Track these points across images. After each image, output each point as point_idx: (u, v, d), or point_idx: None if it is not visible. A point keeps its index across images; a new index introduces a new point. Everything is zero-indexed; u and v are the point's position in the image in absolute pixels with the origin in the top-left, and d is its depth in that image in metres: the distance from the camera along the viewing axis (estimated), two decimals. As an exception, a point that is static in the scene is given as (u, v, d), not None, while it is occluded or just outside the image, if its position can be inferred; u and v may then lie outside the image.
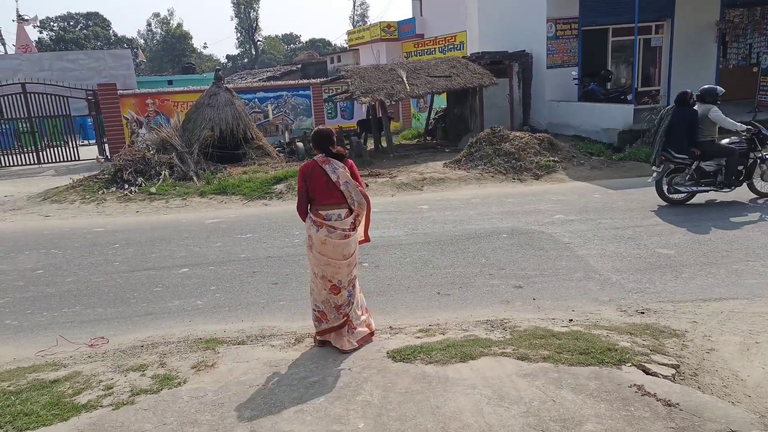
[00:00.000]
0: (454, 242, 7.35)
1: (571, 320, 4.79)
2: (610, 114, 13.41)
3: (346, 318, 4.35)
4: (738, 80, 16.21)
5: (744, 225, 7.32)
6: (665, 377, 3.67)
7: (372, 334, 4.57)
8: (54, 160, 17.37)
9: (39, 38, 60.93)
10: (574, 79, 15.41)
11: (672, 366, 3.82)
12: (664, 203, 8.51)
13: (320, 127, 4.51)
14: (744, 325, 4.48)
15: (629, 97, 14.10)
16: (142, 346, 4.77)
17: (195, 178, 12.32)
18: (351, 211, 4.27)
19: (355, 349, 4.37)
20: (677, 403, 3.31)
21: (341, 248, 4.21)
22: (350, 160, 4.35)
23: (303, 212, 4.33)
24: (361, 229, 4.46)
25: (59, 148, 17.49)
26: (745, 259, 6.13)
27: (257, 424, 3.39)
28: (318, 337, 4.51)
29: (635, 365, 3.80)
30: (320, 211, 4.24)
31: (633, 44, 14.00)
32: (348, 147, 15.39)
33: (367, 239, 4.57)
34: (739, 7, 15.88)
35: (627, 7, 13.55)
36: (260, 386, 3.86)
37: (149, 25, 70.77)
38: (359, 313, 4.49)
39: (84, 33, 65.36)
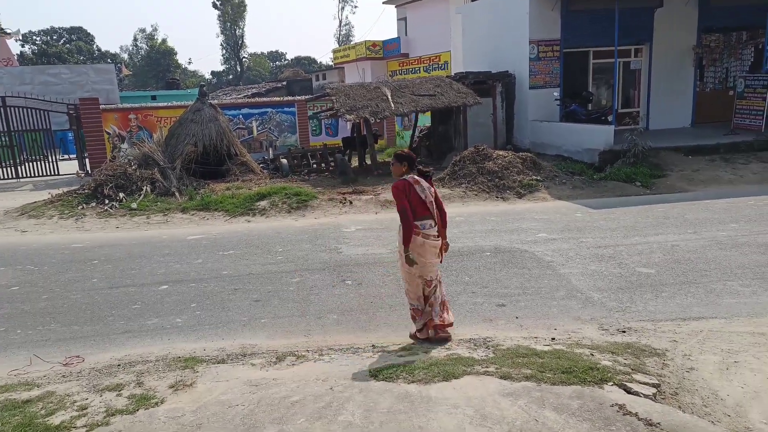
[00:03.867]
0: (437, 260, 7.34)
1: (553, 339, 4.80)
2: (592, 134, 13.61)
3: (430, 304, 4.85)
4: (715, 103, 16.62)
5: (721, 245, 7.43)
6: (646, 396, 3.68)
7: (450, 325, 4.93)
8: (33, 175, 17.07)
9: (21, 52, 60.42)
10: (556, 99, 15.66)
11: (653, 385, 3.83)
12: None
13: (404, 150, 5.22)
14: (723, 344, 4.52)
15: (610, 119, 14.34)
16: (119, 365, 4.67)
17: (177, 194, 12.20)
18: (435, 221, 4.88)
19: (428, 339, 4.81)
20: (658, 423, 3.32)
21: (435, 249, 4.86)
22: (432, 180, 5.02)
23: (413, 227, 4.72)
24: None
25: (38, 163, 17.21)
26: (723, 278, 6.21)
27: (236, 445, 3.32)
28: (418, 335, 4.90)
29: (617, 384, 3.80)
30: (415, 222, 4.75)
31: (613, 67, 14.30)
32: (333, 164, 15.43)
33: (446, 246, 5.05)
34: (716, 33, 16.33)
35: (607, 30, 13.85)
36: (240, 406, 3.79)
37: (135, 40, 70.64)
38: (438, 309, 4.87)
39: (67, 47, 64.96)
